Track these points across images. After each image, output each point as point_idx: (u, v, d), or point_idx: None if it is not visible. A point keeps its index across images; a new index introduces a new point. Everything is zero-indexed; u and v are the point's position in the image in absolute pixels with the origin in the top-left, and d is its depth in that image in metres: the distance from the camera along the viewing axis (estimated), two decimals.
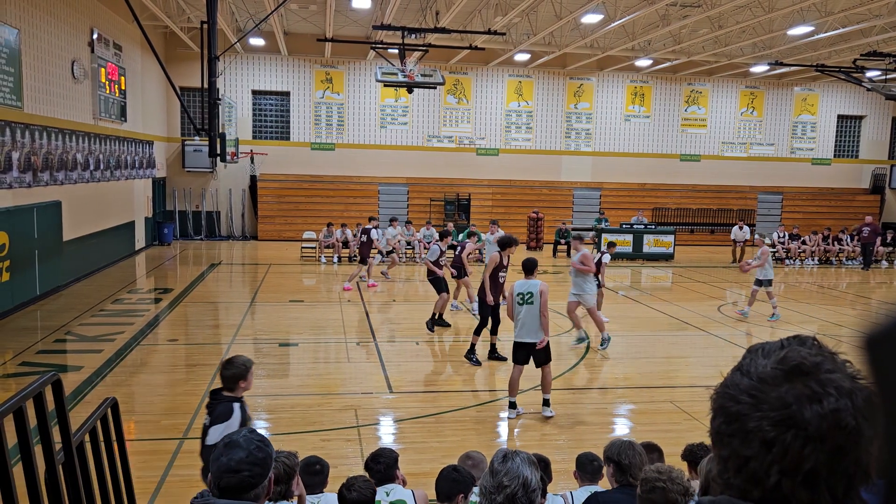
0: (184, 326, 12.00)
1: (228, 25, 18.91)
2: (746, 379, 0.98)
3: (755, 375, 0.98)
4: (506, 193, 25.55)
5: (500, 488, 2.38)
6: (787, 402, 0.93)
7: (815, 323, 13.22)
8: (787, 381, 0.95)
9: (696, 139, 27.10)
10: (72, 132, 14.38)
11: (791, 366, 0.96)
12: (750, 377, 0.98)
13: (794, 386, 0.94)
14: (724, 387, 1.02)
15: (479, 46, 19.92)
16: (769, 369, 0.97)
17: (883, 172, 28.30)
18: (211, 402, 4.35)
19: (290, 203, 24.06)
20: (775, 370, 0.97)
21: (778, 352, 0.99)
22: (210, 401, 4.37)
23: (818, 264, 22.06)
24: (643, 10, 16.13)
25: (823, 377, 0.94)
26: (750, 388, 0.97)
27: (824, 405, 0.91)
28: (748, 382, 0.98)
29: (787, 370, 0.96)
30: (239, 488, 2.13)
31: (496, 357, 9.82)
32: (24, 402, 2.38)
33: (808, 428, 0.91)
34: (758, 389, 0.96)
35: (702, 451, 4.45)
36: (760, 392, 0.95)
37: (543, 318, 7.47)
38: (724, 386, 1.02)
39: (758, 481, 0.93)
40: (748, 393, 0.96)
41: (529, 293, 7.54)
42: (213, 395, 4.38)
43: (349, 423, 7.39)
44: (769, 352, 1.00)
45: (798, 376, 0.94)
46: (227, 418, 4.17)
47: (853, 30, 17.77)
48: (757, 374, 0.97)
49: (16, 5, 12.13)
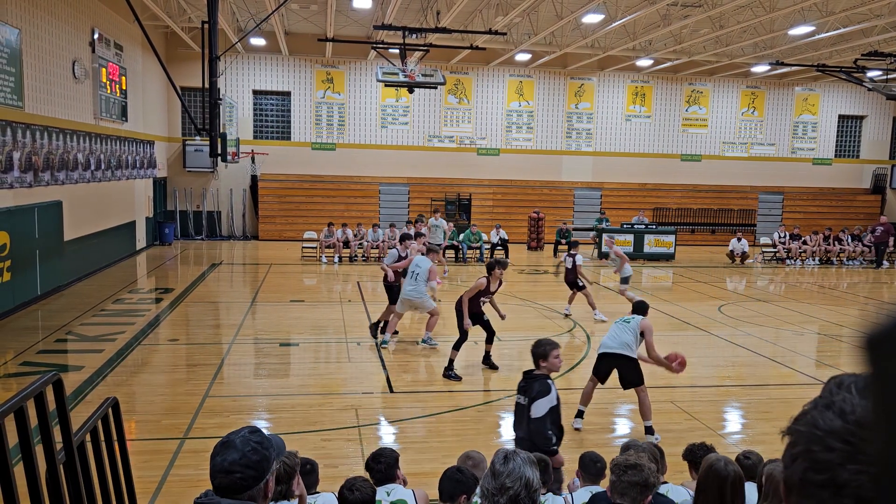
0: (184, 326, 12.01)
1: (229, 25, 18.92)
2: (839, 421, 0.83)
3: (851, 419, 0.82)
4: (506, 193, 25.55)
5: (503, 490, 2.38)
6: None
7: (816, 323, 13.22)
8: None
9: (696, 139, 27.09)
10: (73, 132, 14.39)
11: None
12: (844, 420, 0.83)
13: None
14: (810, 426, 0.86)
15: (480, 46, 19.92)
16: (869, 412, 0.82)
17: (884, 172, 28.28)
18: (526, 381, 5.16)
19: (291, 203, 24.07)
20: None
21: None
22: (524, 381, 5.18)
23: (819, 264, 22.05)
24: (644, 10, 16.13)
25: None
26: (845, 433, 0.82)
27: None
28: (842, 426, 0.82)
29: None
30: (231, 489, 2.11)
31: (489, 364, 9.49)
32: (25, 402, 2.38)
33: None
34: (856, 436, 0.81)
35: (702, 451, 4.46)
36: (860, 440, 0.81)
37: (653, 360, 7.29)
38: (811, 426, 0.85)
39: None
40: (843, 439, 0.82)
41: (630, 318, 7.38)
42: (527, 375, 5.22)
43: (350, 423, 7.39)
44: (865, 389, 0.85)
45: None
46: (549, 392, 5.01)
47: (854, 30, 17.76)
48: (854, 417, 0.82)
49: (16, 5, 12.13)
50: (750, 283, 18.76)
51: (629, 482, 3.32)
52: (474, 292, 9.18)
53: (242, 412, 7.76)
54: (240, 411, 7.77)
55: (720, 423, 7.91)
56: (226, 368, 9.39)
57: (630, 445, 4.26)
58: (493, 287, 9.32)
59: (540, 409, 4.99)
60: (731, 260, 21.64)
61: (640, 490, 3.31)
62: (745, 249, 21.61)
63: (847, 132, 28.45)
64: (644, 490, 3.32)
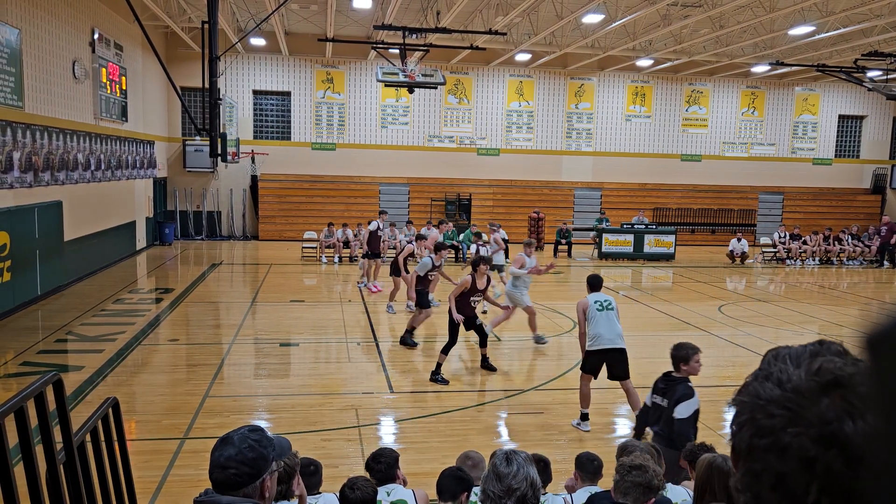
0: (185, 326, 12.01)
1: (229, 25, 18.92)
2: (778, 390, 0.92)
3: (788, 387, 0.91)
4: (507, 193, 25.55)
5: (511, 492, 2.36)
6: (827, 419, 0.87)
7: (816, 323, 13.21)
8: (825, 394, 0.89)
9: (696, 139, 27.09)
10: (73, 132, 14.39)
11: (828, 379, 0.90)
12: (782, 388, 0.91)
13: (832, 401, 0.88)
14: (752, 396, 0.94)
15: (480, 46, 19.92)
16: (804, 380, 0.91)
17: (884, 172, 28.28)
18: (666, 384, 5.45)
19: (291, 203, 24.07)
20: (811, 382, 0.90)
21: (810, 360, 0.94)
22: (664, 383, 5.47)
23: (819, 264, 22.05)
24: (644, 10, 16.13)
25: (861, 390, 0.88)
26: (784, 400, 0.90)
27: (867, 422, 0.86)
28: (780, 394, 0.91)
29: (823, 383, 0.89)
30: (226, 484, 2.12)
31: (487, 367, 9.40)
32: (25, 402, 2.38)
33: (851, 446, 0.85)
34: (793, 402, 0.89)
35: (702, 451, 4.45)
36: (797, 406, 0.89)
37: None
38: (754, 396, 0.94)
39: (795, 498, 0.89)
40: (783, 405, 0.90)
41: (607, 300, 7.42)
42: (666, 377, 5.48)
43: (350, 423, 7.39)
44: (799, 360, 0.94)
45: (835, 389, 0.89)
46: (692, 396, 5.32)
47: (854, 30, 17.76)
48: (791, 385, 0.91)
49: (17, 5, 12.13)
50: (750, 283, 18.76)
51: (633, 482, 3.32)
52: (460, 291, 9.02)
53: (242, 412, 7.76)
54: (240, 411, 7.77)
55: (720, 423, 7.90)
56: (226, 368, 9.39)
57: (627, 445, 4.26)
58: (480, 285, 9.14)
59: (685, 411, 5.29)
60: (731, 260, 21.63)
61: (644, 491, 3.31)
62: (745, 249, 21.61)
63: (847, 132, 28.45)
64: (647, 492, 3.32)
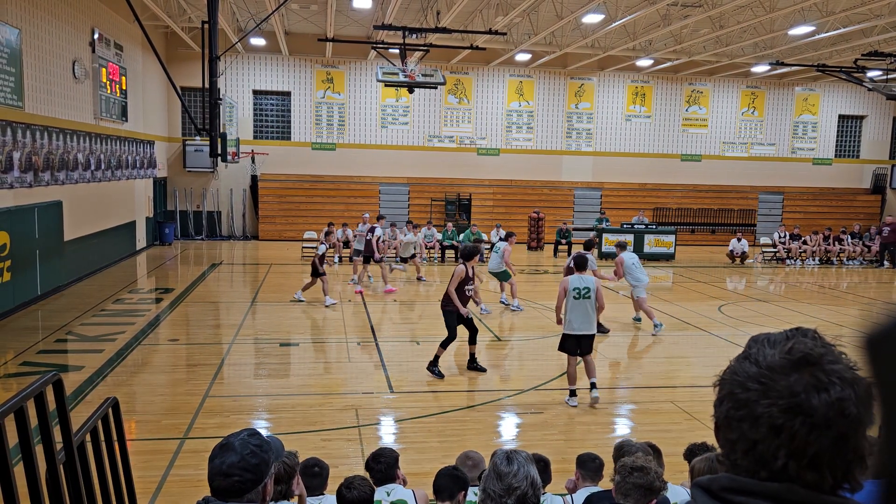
0: (185, 326, 12.01)
1: (229, 25, 18.92)
2: (755, 367, 1.03)
3: (763, 364, 1.03)
4: (507, 193, 25.55)
5: (511, 491, 2.37)
6: (795, 391, 0.98)
7: (816, 323, 13.18)
8: (795, 370, 1.00)
9: (696, 139, 27.09)
10: (73, 132, 14.39)
11: (798, 356, 1.01)
12: (758, 365, 1.03)
13: (801, 375, 0.99)
14: (732, 374, 1.06)
15: (480, 46, 19.92)
16: (777, 359, 1.02)
17: (884, 172, 28.28)
18: None
19: (291, 203, 24.08)
20: (783, 360, 1.02)
21: (784, 342, 1.05)
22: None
23: (819, 264, 22.05)
24: (644, 10, 16.13)
25: (828, 367, 0.99)
26: (759, 375, 1.02)
27: (830, 394, 0.97)
28: (756, 371, 1.03)
29: (794, 360, 1.01)
30: (229, 492, 2.11)
31: (476, 368, 9.29)
32: (25, 402, 2.38)
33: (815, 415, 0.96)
34: (767, 377, 1.01)
35: (703, 451, 4.45)
36: (769, 380, 1.01)
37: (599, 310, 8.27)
38: (733, 373, 1.06)
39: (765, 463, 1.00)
40: (757, 380, 1.02)
41: (587, 288, 7.99)
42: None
43: (350, 423, 7.39)
44: (775, 342, 1.05)
45: (805, 366, 1.00)
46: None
47: (854, 30, 17.76)
48: (766, 363, 1.03)
49: (17, 5, 12.13)
50: (750, 283, 18.77)
51: (634, 484, 3.32)
52: (457, 281, 9.03)
53: (242, 412, 7.76)
54: (240, 411, 7.77)
55: None
56: (226, 368, 9.39)
57: (624, 445, 4.27)
58: (471, 273, 9.19)
59: None
60: (731, 260, 21.63)
61: (644, 493, 3.32)
62: (745, 249, 21.61)
63: (847, 132, 28.45)
64: (648, 493, 3.33)
